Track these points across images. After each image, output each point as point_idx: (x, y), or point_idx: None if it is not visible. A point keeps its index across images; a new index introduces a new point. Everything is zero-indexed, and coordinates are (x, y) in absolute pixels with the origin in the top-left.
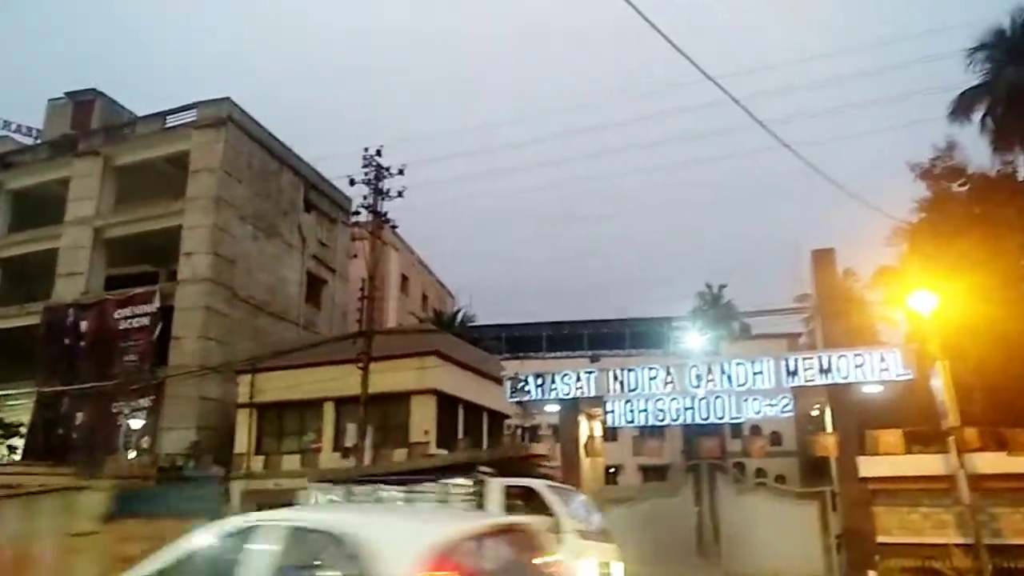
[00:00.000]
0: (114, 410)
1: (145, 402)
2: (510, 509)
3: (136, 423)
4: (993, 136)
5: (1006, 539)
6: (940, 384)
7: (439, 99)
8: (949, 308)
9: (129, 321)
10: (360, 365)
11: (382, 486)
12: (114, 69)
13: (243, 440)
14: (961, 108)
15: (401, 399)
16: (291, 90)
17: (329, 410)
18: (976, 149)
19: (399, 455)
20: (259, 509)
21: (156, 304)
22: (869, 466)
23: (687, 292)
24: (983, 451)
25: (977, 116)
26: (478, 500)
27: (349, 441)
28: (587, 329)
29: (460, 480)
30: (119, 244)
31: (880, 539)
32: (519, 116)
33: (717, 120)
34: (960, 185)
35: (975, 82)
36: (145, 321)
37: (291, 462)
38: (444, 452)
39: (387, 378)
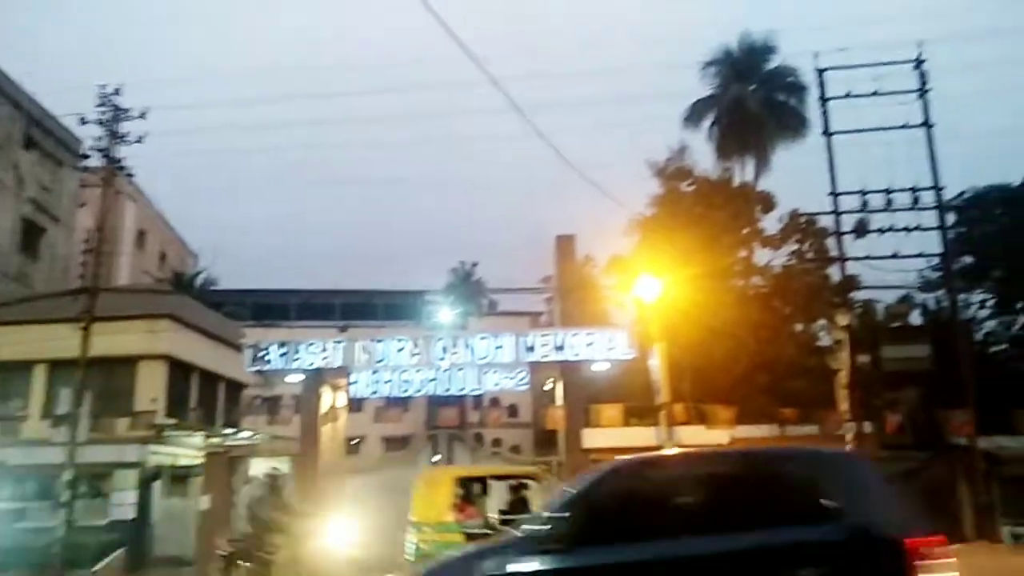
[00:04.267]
0: None
1: None
2: None
3: None
4: (717, 144)
5: None
6: (657, 364)
7: (185, 42)
8: (670, 296)
9: None
10: (81, 325)
11: None
12: None
13: None
14: (693, 116)
15: (127, 364)
16: (16, 16)
17: (40, 373)
18: (704, 154)
19: (122, 425)
20: None
21: None
22: (592, 437)
23: (441, 268)
24: (688, 424)
25: (706, 124)
26: None
27: (63, 409)
28: (339, 299)
29: None
30: None
31: None
32: (268, 71)
33: (473, 100)
34: (688, 185)
35: (706, 93)
36: None
37: None
38: (173, 422)
39: (112, 341)
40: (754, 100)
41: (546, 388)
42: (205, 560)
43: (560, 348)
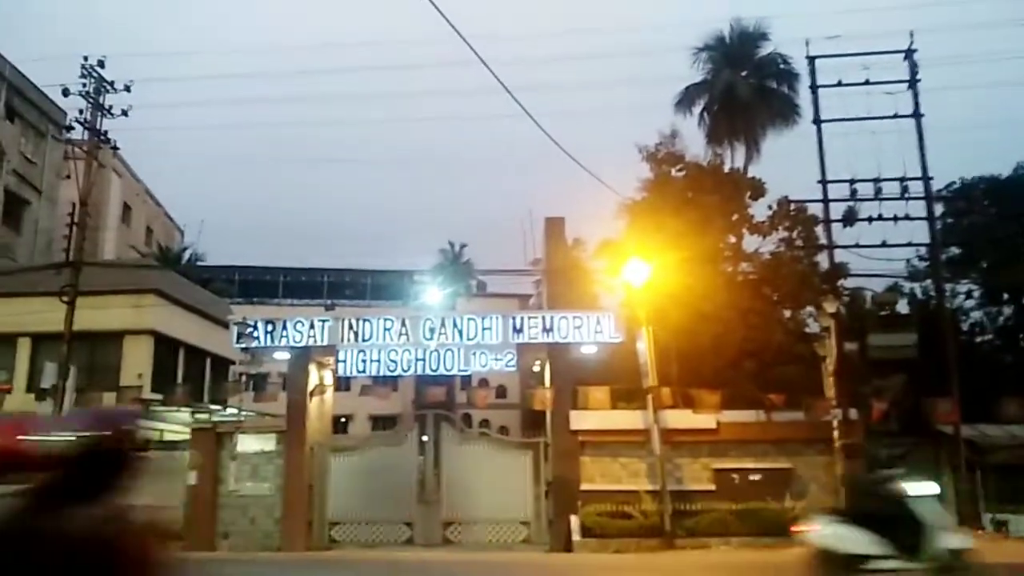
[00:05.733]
0: None
1: None
2: None
3: None
4: (708, 129)
5: (686, 485)
6: (644, 347)
7: (180, 15)
8: (658, 280)
9: None
10: (65, 299)
11: None
12: None
13: None
14: (685, 100)
15: (113, 338)
16: None
17: (24, 347)
18: (694, 139)
19: (108, 399)
20: None
21: None
22: (579, 419)
23: (430, 248)
24: (674, 408)
25: (697, 109)
26: None
27: (47, 382)
28: (327, 277)
29: None
30: None
31: (584, 486)
32: (263, 49)
33: (467, 80)
34: (678, 170)
35: (698, 79)
36: None
37: None
38: (159, 398)
39: (98, 315)
40: (746, 86)
41: (534, 369)
42: (192, 535)
43: (548, 330)
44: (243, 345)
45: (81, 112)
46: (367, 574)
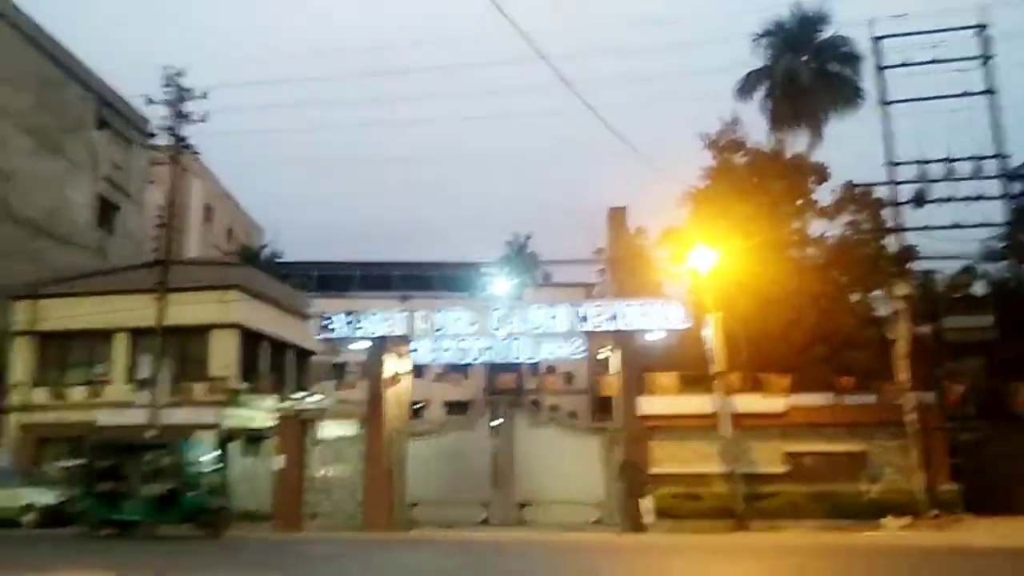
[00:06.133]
0: None
1: None
2: None
3: None
4: (770, 115)
5: (756, 468)
6: (711, 334)
7: (250, 20)
8: (724, 267)
9: None
10: (156, 296)
11: None
12: None
13: (20, 370)
14: (746, 87)
15: (201, 332)
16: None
17: (122, 341)
18: (756, 126)
19: (199, 389)
20: (40, 443)
21: None
22: (648, 405)
23: (496, 240)
24: (743, 393)
25: (759, 96)
26: None
27: (144, 374)
28: (398, 270)
29: None
30: None
31: (654, 470)
32: (324, 50)
33: (526, 76)
34: (741, 157)
35: (759, 65)
36: None
37: (78, 395)
38: (246, 387)
39: (186, 311)
40: (807, 71)
41: (601, 356)
42: (281, 516)
43: (615, 318)
44: (323, 336)
45: (164, 119)
46: (447, 553)
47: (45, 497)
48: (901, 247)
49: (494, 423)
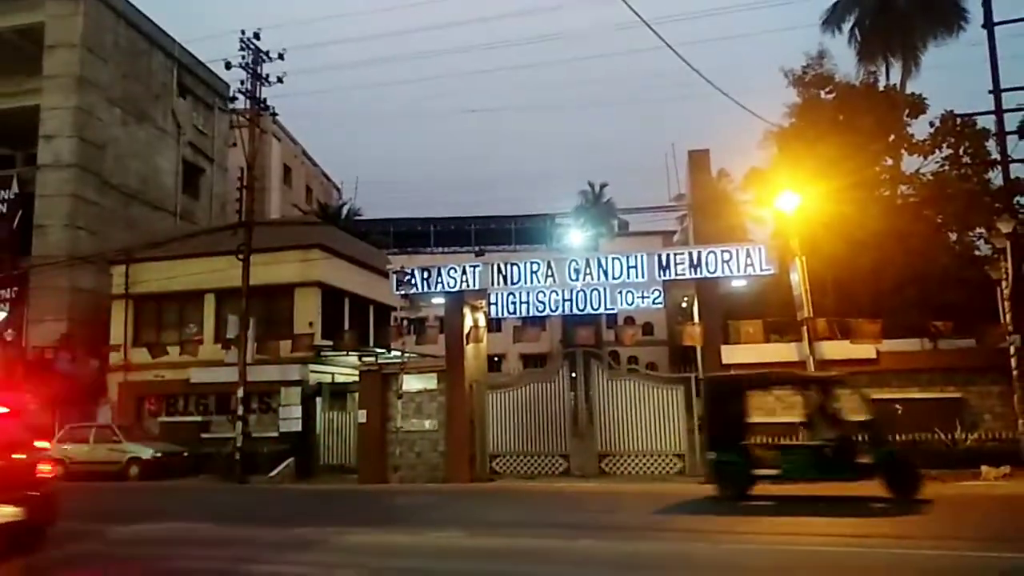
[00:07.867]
0: None
1: (6, 293)
2: None
3: None
4: (860, 47)
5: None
6: (797, 278)
7: None
8: (810, 208)
9: None
10: (241, 257)
11: None
12: None
13: (119, 332)
14: (833, 17)
15: (285, 291)
16: None
17: (210, 301)
18: (844, 59)
19: (284, 347)
20: (140, 401)
21: (14, 190)
22: (731, 354)
23: (571, 190)
24: (830, 339)
25: (847, 26)
26: None
27: (231, 332)
28: (474, 225)
29: None
30: None
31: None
32: (394, 4)
33: (603, 17)
34: (827, 92)
35: None
36: (1, 208)
37: (171, 354)
38: (329, 343)
39: (270, 270)
40: None
41: (683, 305)
42: (366, 469)
43: (696, 266)
44: (402, 292)
45: (242, 83)
46: (530, 503)
47: (146, 452)
48: (1007, 181)
49: (572, 375)
